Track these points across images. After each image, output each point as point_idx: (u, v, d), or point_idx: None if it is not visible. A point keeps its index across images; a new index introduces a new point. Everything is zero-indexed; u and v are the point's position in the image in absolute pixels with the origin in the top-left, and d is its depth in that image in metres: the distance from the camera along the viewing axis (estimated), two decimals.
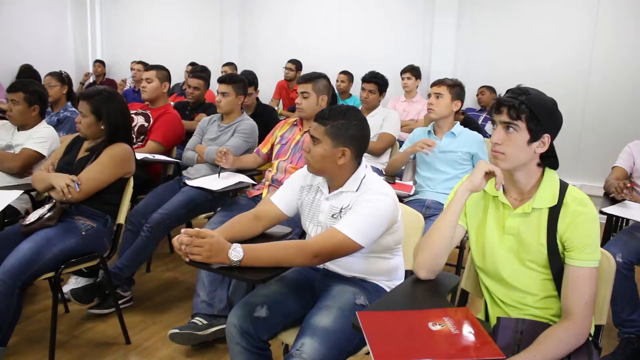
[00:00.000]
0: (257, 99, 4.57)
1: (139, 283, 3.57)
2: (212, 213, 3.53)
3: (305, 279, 2.23)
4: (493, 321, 1.84)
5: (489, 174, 1.77)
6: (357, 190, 2.07)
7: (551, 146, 1.75)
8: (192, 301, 3.03)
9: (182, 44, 7.79)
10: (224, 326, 2.82)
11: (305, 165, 2.21)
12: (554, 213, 1.72)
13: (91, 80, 8.20)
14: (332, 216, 2.10)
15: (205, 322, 2.87)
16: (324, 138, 2.07)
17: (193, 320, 2.89)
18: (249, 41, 7.20)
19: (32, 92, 3.33)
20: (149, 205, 3.45)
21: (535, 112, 1.68)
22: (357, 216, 1.97)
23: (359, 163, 2.13)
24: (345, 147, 2.06)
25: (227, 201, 3.48)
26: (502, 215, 1.82)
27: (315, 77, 3.28)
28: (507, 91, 1.76)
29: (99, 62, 8.24)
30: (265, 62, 6.98)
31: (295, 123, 3.41)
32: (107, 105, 2.78)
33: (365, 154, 2.18)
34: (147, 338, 3.06)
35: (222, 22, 7.31)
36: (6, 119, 3.42)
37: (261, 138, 3.69)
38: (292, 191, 2.28)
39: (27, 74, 6.19)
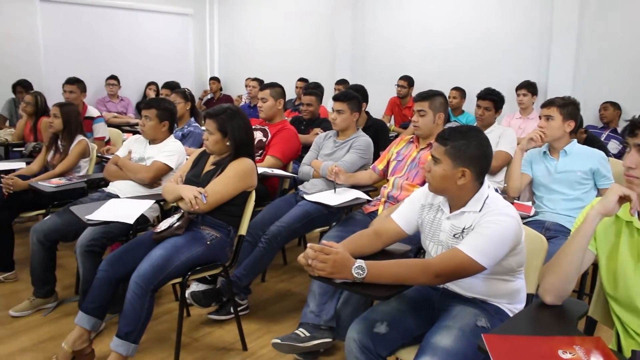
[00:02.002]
0: (367, 112, 4.62)
1: (255, 292, 3.69)
2: (327, 227, 3.60)
3: (425, 298, 2.23)
4: (627, 354, 1.76)
5: (623, 199, 1.70)
6: (480, 211, 2.05)
7: None
8: None
9: (294, 61, 8.00)
10: (327, 340, 2.91)
11: (426, 184, 2.23)
12: None
13: (209, 96, 8.61)
14: (454, 236, 2.09)
15: (308, 334, 2.91)
16: (443, 158, 2.07)
17: (296, 331, 2.94)
18: (360, 58, 7.27)
19: (163, 109, 3.56)
20: (267, 218, 3.57)
21: None
22: (481, 237, 1.96)
23: (481, 183, 2.11)
24: (465, 167, 2.05)
25: (343, 216, 3.54)
26: (637, 242, 1.74)
27: (431, 95, 3.29)
28: None
29: (214, 80, 8.62)
30: (377, 78, 7.01)
31: (411, 140, 3.43)
32: (231, 123, 2.93)
33: None
34: (262, 346, 3.17)
35: (334, 39, 7.44)
36: (131, 131, 3.67)
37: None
38: (412, 209, 2.29)
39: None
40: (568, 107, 3.28)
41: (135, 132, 5.29)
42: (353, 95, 3.78)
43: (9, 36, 6.76)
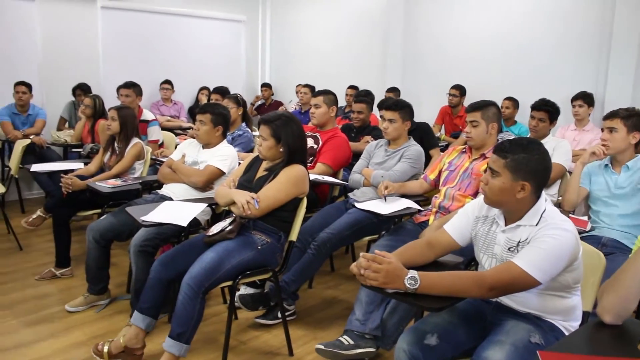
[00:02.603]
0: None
1: (302, 298, 3.70)
2: (377, 236, 3.60)
3: (477, 311, 2.20)
4: None
5: None
6: (536, 225, 2.01)
7: None
8: None
9: (345, 68, 8.02)
10: (370, 349, 2.90)
11: (481, 196, 2.20)
12: None
13: (260, 102, 8.71)
14: (509, 249, 2.06)
15: (351, 342, 2.91)
16: (503, 171, 2.04)
17: (340, 338, 2.94)
18: (411, 66, 7.22)
19: (217, 114, 3.62)
20: (316, 224, 3.59)
21: None
22: (537, 251, 1.92)
23: (538, 196, 2.07)
24: (526, 181, 2.01)
25: (392, 225, 3.53)
26: None
27: (484, 105, 3.25)
28: None
29: (266, 86, 8.71)
30: (428, 87, 6.97)
31: (464, 150, 3.39)
32: (285, 129, 2.95)
33: None
34: (308, 352, 3.18)
35: (385, 46, 7.42)
36: (185, 135, 3.73)
37: None
38: (466, 221, 2.27)
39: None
40: (632, 118, 3.16)
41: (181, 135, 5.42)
42: (405, 104, 3.77)
43: (71, 41, 6.99)
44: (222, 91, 5.69)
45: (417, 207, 3.37)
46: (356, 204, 3.45)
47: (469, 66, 6.69)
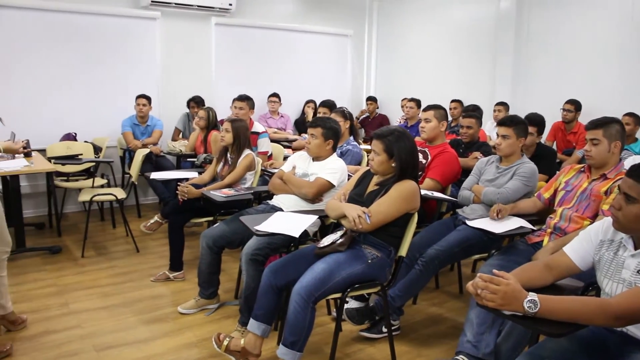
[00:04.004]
0: (539, 143, 4.40)
1: (406, 314, 3.66)
2: (486, 255, 3.51)
3: (599, 340, 2.08)
4: None
5: None
6: None
7: None
8: (458, 339, 3.03)
9: (451, 81, 7.90)
10: None
11: (603, 218, 2.10)
12: None
13: (365, 115, 8.75)
14: (638, 272, 1.94)
15: None
16: None
17: (456, 358, 2.89)
18: (522, 80, 6.98)
19: (329, 128, 3.67)
20: (424, 240, 3.55)
21: None
22: None
23: None
24: None
25: (503, 245, 3.43)
26: None
27: (606, 123, 3.10)
28: None
29: (371, 99, 8.75)
30: (539, 101, 6.67)
31: (582, 169, 3.24)
32: (398, 144, 2.94)
33: None
34: None
35: (495, 59, 7.23)
36: (290, 146, 3.76)
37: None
38: (588, 244, 2.17)
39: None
40: None
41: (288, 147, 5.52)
42: (520, 120, 3.66)
43: (187, 56, 7.38)
44: (330, 105, 5.77)
45: (531, 227, 3.25)
46: (468, 222, 3.38)
47: (585, 80, 6.35)
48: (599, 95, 6.20)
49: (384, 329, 3.40)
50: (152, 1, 6.71)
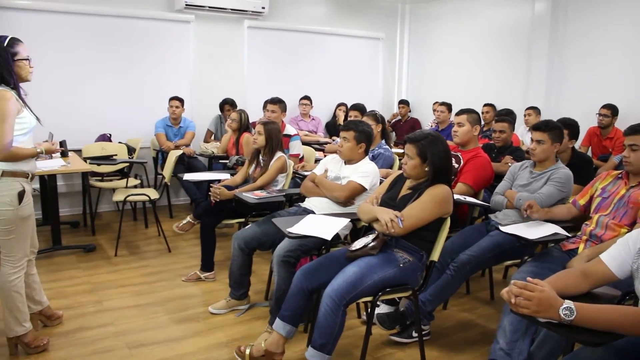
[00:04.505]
0: (573, 148, 4.32)
1: (436, 319, 3.65)
2: (518, 261, 3.47)
3: (638, 351, 2.04)
4: None
5: None
6: None
7: None
8: (489, 346, 3.01)
9: (483, 85, 7.83)
10: None
11: None
12: None
13: (397, 119, 8.73)
14: None
15: None
16: None
17: None
18: (556, 84, 6.88)
19: (361, 131, 3.68)
20: (456, 245, 3.53)
21: None
22: None
23: None
24: None
25: (536, 251, 3.39)
26: None
27: None
28: None
29: (403, 103, 8.72)
30: (572, 106, 6.58)
31: (620, 176, 3.19)
32: (432, 149, 2.93)
33: None
34: None
35: (529, 64, 7.14)
36: (321, 149, 3.73)
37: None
38: (626, 252, 2.12)
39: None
40: None
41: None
42: (555, 125, 3.60)
43: (220, 59, 7.46)
44: (361, 108, 5.77)
45: (566, 233, 3.20)
46: (500, 227, 3.35)
47: (622, 84, 6.24)
48: (634, 100, 6.08)
49: (414, 334, 3.38)
50: (186, 5, 6.80)
